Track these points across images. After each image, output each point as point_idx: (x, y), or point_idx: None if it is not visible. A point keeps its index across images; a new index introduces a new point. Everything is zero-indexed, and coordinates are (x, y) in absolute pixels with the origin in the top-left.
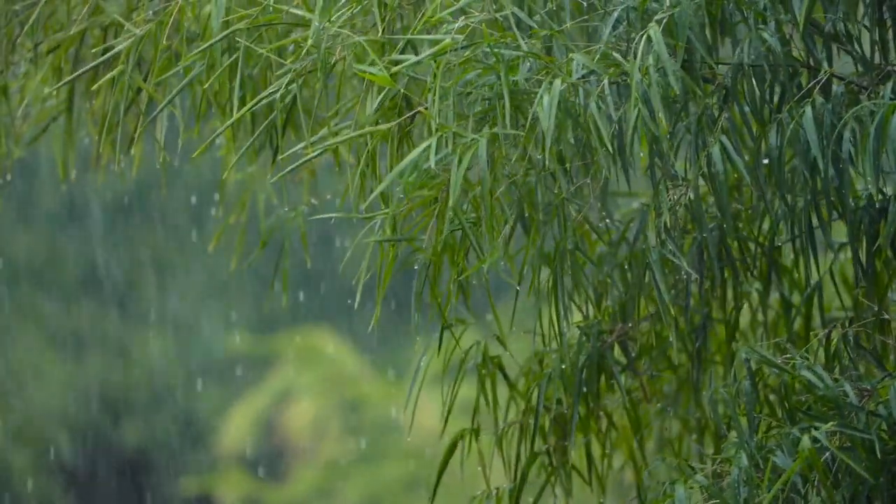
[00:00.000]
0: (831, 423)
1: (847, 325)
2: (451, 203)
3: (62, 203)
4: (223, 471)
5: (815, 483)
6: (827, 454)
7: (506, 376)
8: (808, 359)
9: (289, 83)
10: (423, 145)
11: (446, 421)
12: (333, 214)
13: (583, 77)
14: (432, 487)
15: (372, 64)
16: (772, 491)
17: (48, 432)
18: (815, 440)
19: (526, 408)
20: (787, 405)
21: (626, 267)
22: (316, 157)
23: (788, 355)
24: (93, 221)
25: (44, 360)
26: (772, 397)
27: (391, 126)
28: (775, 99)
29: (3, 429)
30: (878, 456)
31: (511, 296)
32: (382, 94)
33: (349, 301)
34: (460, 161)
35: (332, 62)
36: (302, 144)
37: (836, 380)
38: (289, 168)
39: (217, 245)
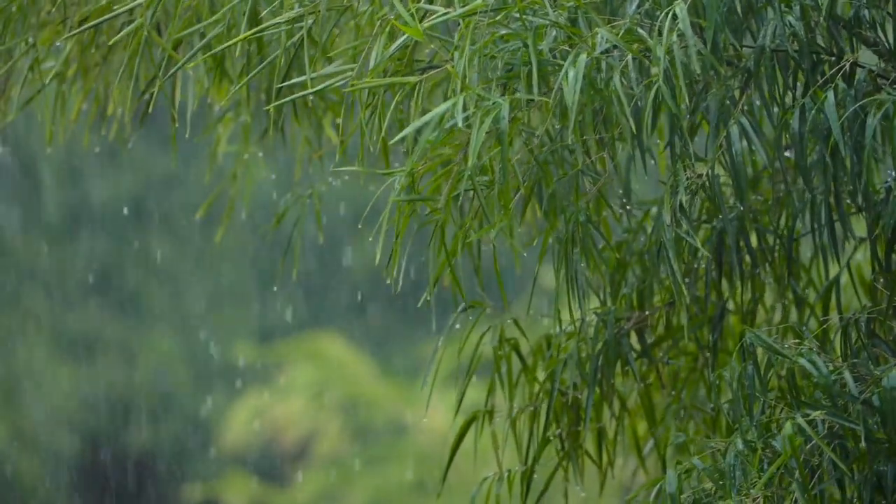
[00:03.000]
0: (819, 411)
1: (863, 312)
2: (470, 163)
3: (68, 206)
4: (229, 475)
5: (802, 473)
6: (814, 442)
7: (522, 359)
8: (819, 344)
9: (296, 20)
10: (448, 103)
11: (460, 402)
12: (353, 168)
13: (605, 51)
14: (442, 480)
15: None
16: (764, 476)
17: (54, 437)
18: (800, 428)
19: (540, 392)
20: (794, 391)
21: (643, 254)
22: (321, 90)
23: (798, 340)
24: (99, 224)
25: (49, 363)
26: (783, 384)
27: (421, 79)
28: (798, 85)
29: (8, 433)
30: (863, 445)
31: (531, 283)
32: (400, 41)
33: (353, 302)
34: (482, 122)
35: (345, 6)
36: (305, 77)
37: (834, 369)
38: (293, 96)
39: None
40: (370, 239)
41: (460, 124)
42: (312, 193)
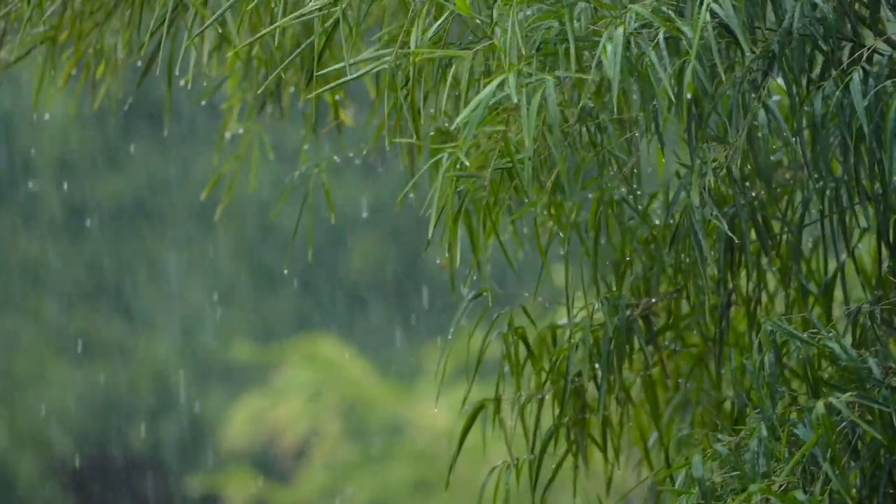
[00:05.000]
0: (849, 392)
1: (875, 302)
2: (527, 141)
3: (65, 207)
4: (229, 473)
5: (835, 453)
6: (844, 424)
7: (528, 347)
8: (835, 331)
9: (332, 4)
10: (498, 79)
11: (470, 387)
12: (407, 140)
13: (635, 30)
14: (449, 469)
15: None
16: (790, 463)
17: (53, 436)
18: (831, 408)
19: (547, 380)
20: (810, 379)
21: (650, 241)
22: (360, 76)
23: (814, 330)
24: (95, 224)
25: (47, 363)
26: (793, 375)
27: (475, 52)
28: (818, 69)
29: (7, 433)
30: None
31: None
32: (440, 21)
33: (353, 303)
34: (530, 98)
35: None
36: (345, 63)
37: (859, 355)
38: (333, 84)
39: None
40: (422, 212)
41: (514, 99)
42: (319, 169)
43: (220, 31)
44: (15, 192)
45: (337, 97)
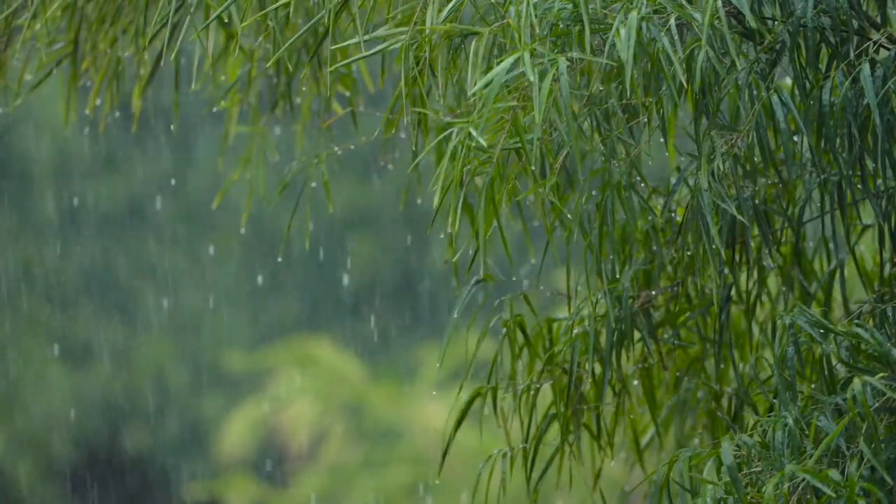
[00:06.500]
0: (881, 374)
1: (880, 300)
2: (537, 117)
3: (63, 209)
4: (228, 477)
5: (865, 434)
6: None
7: (526, 336)
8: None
9: None
10: (513, 57)
11: (468, 373)
12: (420, 110)
13: (647, 14)
14: (442, 457)
15: None
16: (818, 450)
17: (51, 440)
18: (866, 386)
19: (544, 370)
20: (827, 374)
21: (650, 235)
22: (376, 53)
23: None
24: (94, 228)
25: (46, 366)
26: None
27: (491, 29)
28: (823, 62)
29: (6, 437)
30: None
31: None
32: (455, 2)
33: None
34: (542, 77)
35: None
36: (355, 40)
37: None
38: (344, 62)
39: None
40: (431, 187)
41: (530, 76)
42: (319, 160)
43: (226, 21)
44: (13, 193)
45: (342, 95)
